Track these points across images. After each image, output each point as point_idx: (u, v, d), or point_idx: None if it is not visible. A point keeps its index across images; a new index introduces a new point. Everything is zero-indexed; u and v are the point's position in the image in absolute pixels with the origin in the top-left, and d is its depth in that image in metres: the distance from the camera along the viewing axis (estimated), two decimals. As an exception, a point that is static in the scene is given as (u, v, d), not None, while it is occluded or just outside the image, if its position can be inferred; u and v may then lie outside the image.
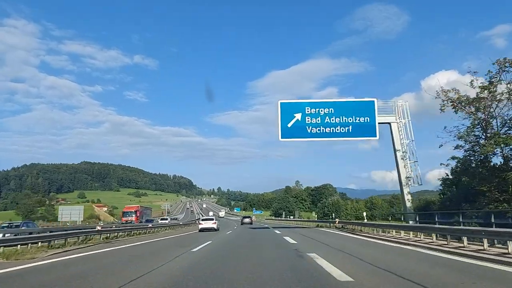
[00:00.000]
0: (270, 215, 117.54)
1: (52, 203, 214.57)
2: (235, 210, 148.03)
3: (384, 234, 19.71)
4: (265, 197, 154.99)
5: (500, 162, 19.74)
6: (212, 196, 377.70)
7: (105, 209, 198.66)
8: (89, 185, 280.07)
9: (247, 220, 52.45)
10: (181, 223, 52.98)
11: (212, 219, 35.61)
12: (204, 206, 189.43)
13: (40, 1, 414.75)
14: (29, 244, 14.37)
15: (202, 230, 31.95)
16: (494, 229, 11.71)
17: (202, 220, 37.11)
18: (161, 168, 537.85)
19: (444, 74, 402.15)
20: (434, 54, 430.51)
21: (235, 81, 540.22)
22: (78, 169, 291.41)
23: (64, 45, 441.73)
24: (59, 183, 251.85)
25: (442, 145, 21.23)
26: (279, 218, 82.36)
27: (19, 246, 13.67)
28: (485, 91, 19.58)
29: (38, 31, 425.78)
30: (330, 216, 70.48)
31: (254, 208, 71.60)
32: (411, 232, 17.34)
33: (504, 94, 18.97)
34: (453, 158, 21.99)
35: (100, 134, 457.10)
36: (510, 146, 18.92)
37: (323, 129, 25.59)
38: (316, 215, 79.98)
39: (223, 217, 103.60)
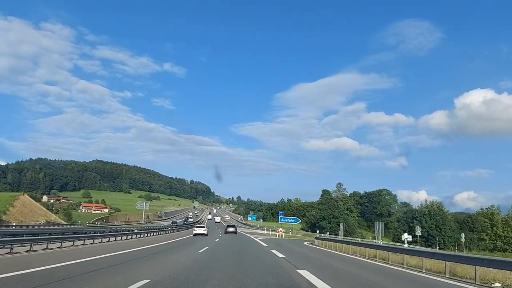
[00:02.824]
0: (302, 229, 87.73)
1: (51, 201, 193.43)
2: (250, 218, 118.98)
3: None
4: (294, 205, 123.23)
5: None
6: (230, 204, 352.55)
7: (106, 210, 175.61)
8: (97, 185, 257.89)
9: (231, 229, 49.61)
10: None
11: (204, 227, 43.07)
12: (214, 211, 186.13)
13: (78, 6, 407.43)
14: None
15: (195, 235, 38.37)
16: None
17: (196, 227, 43.78)
18: (178, 173, 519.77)
19: (479, 92, 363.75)
20: (469, 72, 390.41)
21: (262, 92, 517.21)
22: (88, 167, 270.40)
23: (97, 50, 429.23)
24: (64, 180, 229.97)
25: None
26: (333, 238, 44.90)
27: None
28: None
29: (72, 36, 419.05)
30: (452, 246, 36.67)
31: (281, 212, 43.14)
32: None
33: None
34: None
35: (127, 139, 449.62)
36: None
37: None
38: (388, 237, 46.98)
39: (219, 222, 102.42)
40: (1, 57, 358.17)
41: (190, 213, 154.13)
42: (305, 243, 37.52)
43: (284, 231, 48.75)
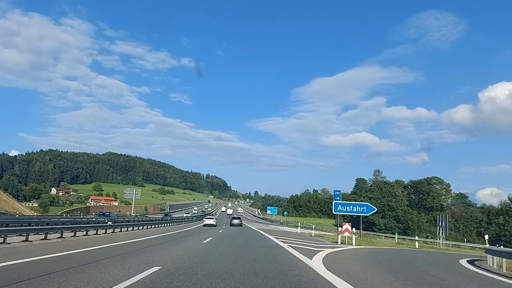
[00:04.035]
0: (335, 225, 73.71)
1: (60, 193, 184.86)
2: (269, 212, 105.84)
3: None
4: (321, 197, 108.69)
5: None
6: (247, 199, 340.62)
7: (116, 203, 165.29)
8: (110, 178, 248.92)
9: (236, 221, 47.93)
10: None
11: (213, 218, 47.86)
12: (229, 205, 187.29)
13: (96, 1, 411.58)
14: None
15: (205, 225, 42.92)
16: None
17: (205, 218, 49.20)
18: (194, 167, 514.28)
19: (504, 85, 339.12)
20: (494, 64, 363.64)
21: (280, 87, 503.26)
22: (101, 159, 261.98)
23: (115, 46, 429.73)
24: (75, 172, 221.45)
25: None
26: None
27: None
28: None
29: (92, 31, 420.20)
30: None
31: (337, 194, 28.66)
32: None
33: None
34: None
35: (145, 135, 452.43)
36: None
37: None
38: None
39: (230, 214, 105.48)
40: (23, 53, 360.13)
41: (195, 208, 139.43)
42: (470, 267, 14.10)
43: (353, 231, 25.35)
